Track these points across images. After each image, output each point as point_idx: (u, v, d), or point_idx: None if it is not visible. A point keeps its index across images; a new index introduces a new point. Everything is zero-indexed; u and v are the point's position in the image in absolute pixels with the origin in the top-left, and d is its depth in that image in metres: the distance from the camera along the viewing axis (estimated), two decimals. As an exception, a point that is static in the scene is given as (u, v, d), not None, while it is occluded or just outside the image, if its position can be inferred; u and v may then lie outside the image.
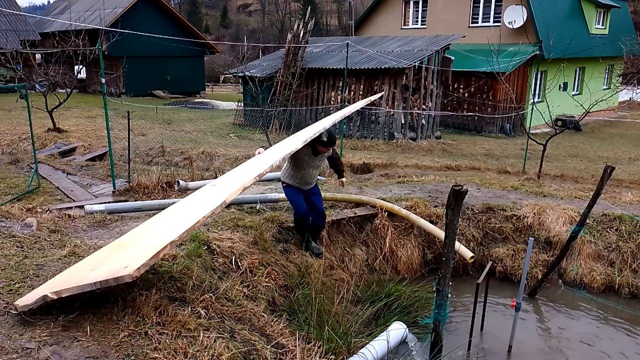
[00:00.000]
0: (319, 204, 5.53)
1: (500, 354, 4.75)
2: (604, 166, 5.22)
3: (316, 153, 5.26)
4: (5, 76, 21.97)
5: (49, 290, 2.87)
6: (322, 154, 5.31)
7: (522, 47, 17.82)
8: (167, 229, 3.40)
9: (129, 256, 3.07)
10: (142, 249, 3.10)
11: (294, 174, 5.40)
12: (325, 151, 5.26)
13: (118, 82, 26.51)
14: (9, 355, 2.51)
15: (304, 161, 5.29)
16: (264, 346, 3.11)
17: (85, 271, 3.10)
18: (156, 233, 3.46)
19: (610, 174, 5.16)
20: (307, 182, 5.44)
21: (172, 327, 2.92)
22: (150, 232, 3.59)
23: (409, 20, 22.41)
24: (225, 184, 4.19)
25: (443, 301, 3.78)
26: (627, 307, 5.57)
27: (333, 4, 69.42)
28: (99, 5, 27.52)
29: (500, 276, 6.24)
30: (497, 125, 18.37)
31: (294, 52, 16.31)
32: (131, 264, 2.81)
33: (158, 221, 3.87)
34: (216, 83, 40.75)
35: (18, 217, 5.06)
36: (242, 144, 13.20)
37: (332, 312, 4.19)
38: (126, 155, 9.27)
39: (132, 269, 2.70)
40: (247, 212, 6.11)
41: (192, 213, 3.50)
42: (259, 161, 4.64)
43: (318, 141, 5.10)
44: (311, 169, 5.37)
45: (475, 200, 6.95)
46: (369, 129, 15.34)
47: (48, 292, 2.84)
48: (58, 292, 2.83)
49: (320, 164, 5.49)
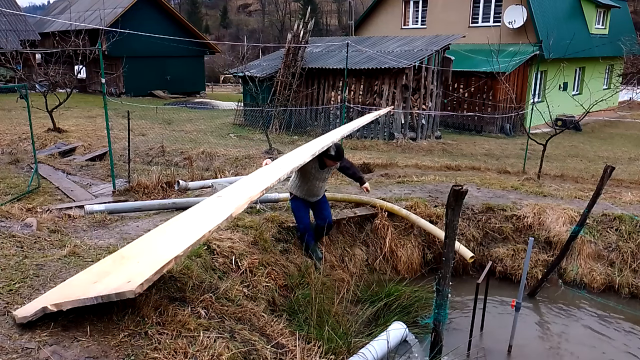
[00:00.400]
0: (325, 212, 5.51)
1: (500, 354, 4.75)
2: (604, 166, 5.22)
3: (323, 166, 5.24)
4: (5, 76, 21.97)
5: (50, 302, 2.85)
6: (329, 167, 5.29)
7: (522, 47, 17.81)
8: (172, 241, 3.36)
9: (132, 270, 3.05)
10: (145, 263, 3.07)
11: (301, 185, 5.37)
12: (332, 164, 5.23)
13: (118, 82, 26.51)
14: (9, 355, 2.51)
15: (311, 174, 5.27)
16: (264, 346, 3.11)
17: (87, 283, 3.06)
18: (160, 245, 3.43)
19: (610, 174, 5.16)
20: (314, 194, 5.42)
21: (172, 327, 2.92)
22: (155, 244, 3.56)
23: (409, 20, 22.40)
24: (232, 196, 4.15)
25: (443, 301, 3.78)
26: (627, 307, 5.57)
27: (333, 4, 69.42)
28: (99, 5, 27.51)
29: (500, 276, 6.24)
30: (497, 125, 18.36)
31: (294, 52, 16.31)
32: (134, 278, 2.80)
33: (163, 232, 3.84)
34: (216, 83, 40.75)
35: (18, 217, 5.06)
36: (242, 144, 13.20)
37: (332, 312, 4.19)
38: (126, 155, 9.27)
39: (135, 285, 2.69)
40: (247, 212, 6.11)
41: (198, 226, 3.46)
42: (267, 173, 4.62)
43: (326, 155, 5.08)
44: (318, 181, 5.35)
45: (475, 200, 6.95)
46: (369, 129, 15.34)
47: (48, 304, 2.83)
48: (59, 304, 2.82)
49: (327, 177, 5.48)
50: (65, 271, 3.60)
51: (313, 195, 5.43)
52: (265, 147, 12.06)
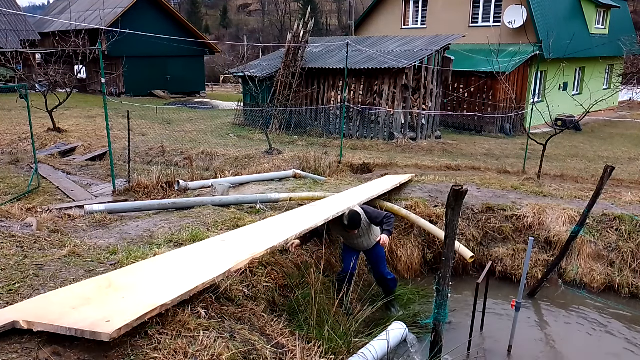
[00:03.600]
0: (377, 267, 5.18)
1: (500, 354, 4.75)
2: (604, 166, 5.22)
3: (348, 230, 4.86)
4: (5, 76, 21.96)
5: (22, 318, 2.68)
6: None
7: (522, 47, 17.81)
8: (164, 281, 3.21)
9: (114, 305, 2.86)
10: (130, 300, 2.91)
11: (343, 240, 5.23)
12: (352, 232, 4.87)
13: (118, 82, 26.51)
14: (9, 355, 2.51)
15: (343, 237, 5.12)
16: (264, 346, 3.11)
17: (65, 307, 2.85)
18: (152, 282, 3.25)
19: (610, 173, 5.16)
20: (358, 247, 5.15)
21: (172, 327, 2.91)
22: (147, 278, 3.35)
23: (409, 20, 22.40)
24: (234, 245, 4.03)
25: (443, 301, 3.78)
26: (627, 307, 5.57)
27: (333, 4, 69.42)
28: (99, 5, 27.51)
29: (500, 276, 6.24)
30: (497, 125, 18.36)
31: (294, 52, 16.31)
32: (114, 319, 2.64)
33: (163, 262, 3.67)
34: (216, 83, 40.75)
35: (18, 217, 5.06)
36: (242, 144, 13.20)
37: (332, 312, 4.19)
38: (126, 155, 9.27)
39: (112, 328, 2.53)
40: (247, 212, 6.11)
41: (197, 269, 3.36)
42: (275, 230, 4.52)
43: (340, 221, 4.84)
44: (355, 239, 5.02)
45: (475, 200, 6.95)
46: (369, 129, 15.34)
47: (20, 320, 2.66)
48: (31, 323, 2.65)
49: (363, 233, 5.01)
50: (65, 271, 3.60)
51: (360, 248, 5.15)
52: (265, 147, 12.06)
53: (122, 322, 2.59)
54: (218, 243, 4.15)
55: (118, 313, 2.72)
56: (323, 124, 16.12)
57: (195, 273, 3.31)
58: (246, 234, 4.49)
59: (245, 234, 4.53)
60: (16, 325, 2.66)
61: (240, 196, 6.68)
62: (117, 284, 3.18)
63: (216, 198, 6.46)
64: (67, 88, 14.73)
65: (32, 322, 2.65)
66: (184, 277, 3.25)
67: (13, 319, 2.67)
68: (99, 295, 3.01)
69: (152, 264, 3.65)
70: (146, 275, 3.38)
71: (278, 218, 5.17)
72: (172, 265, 3.59)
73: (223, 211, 5.87)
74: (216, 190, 6.98)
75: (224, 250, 3.92)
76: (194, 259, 3.73)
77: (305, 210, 5.48)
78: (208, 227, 5.16)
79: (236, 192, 7.38)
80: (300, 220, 4.90)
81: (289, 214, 5.38)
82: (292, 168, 9.18)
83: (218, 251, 3.91)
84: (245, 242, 4.12)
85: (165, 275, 3.36)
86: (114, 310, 2.77)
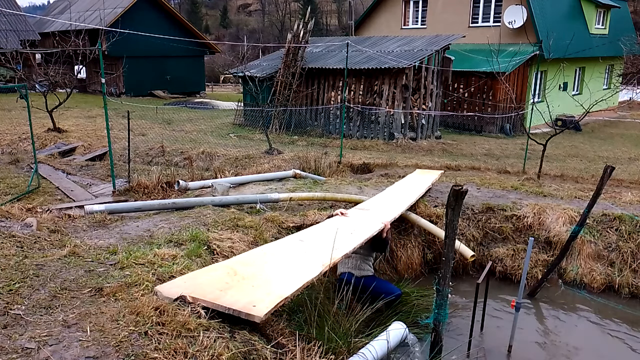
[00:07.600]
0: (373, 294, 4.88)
1: (500, 354, 4.75)
2: (604, 166, 5.22)
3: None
4: (5, 76, 21.98)
5: (187, 293, 3.19)
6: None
7: (522, 47, 17.82)
8: (278, 274, 3.60)
9: (250, 293, 3.25)
10: (261, 291, 3.29)
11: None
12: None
13: (118, 82, 26.51)
14: (9, 355, 2.51)
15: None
16: (263, 346, 3.10)
17: (215, 288, 3.28)
18: (269, 274, 3.61)
19: (610, 173, 5.17)
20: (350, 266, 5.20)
21: (172, 327, 2.91)
22: (264, 268, 3.71)
23: (409, 20, 22.41)
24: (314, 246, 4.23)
25: (443, 301, 3.78)
26: (627, 307, 5.57)
27: (333, 4, 69.45)
28: (99, 5, 27.52)
29: (500, 276, 6.24)
30: (497, 125, 18.37)
31: (294, 52, 16.31)
32: (258, 304, 3.07)
33: (270, 254, 4.00)
34: (216, 83, 40.78)
35: (18, 217, 5.05)
36: (242, 144, 13.20)
37: (332, 312, 4.18)
38: (126, 155, 9.27)
39: (261, 312, 2.97)
40: (247, 212, 6.11)
41: (297, 266, 3.71)
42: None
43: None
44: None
45: (475, 200, 6.95)
46: (369, 129, 15.34)
47: (188, 295, 3.17)
48: (195, 298, 3.16)
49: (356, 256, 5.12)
50: (65, 271, 3.60)
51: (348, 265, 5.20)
52: (265, 147, 12.06)
53: (265, 308, 3.03)
54: (297, 243, 4.34)
55: (258, 300, 3.14)
56: (323, 124, 16.12)
57: (297, 270, 3.67)
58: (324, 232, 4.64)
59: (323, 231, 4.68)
60: (184, 298, 3.16)
61: (240, 196, 6.68)
62: (240, 273, 3.56)
63: (216, 198, 6.45)
64: (67, 88, 14.73)
65: (197, 298, 3.16)
66: (291, 273, 3.62)
67: (181, 293, 3.20)
68: (233, 282, 3.41)
69: (261, 256, 3.97)
70: (261, 267, 3.73)
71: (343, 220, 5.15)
72: (278, 259, 3.91)
73: (223, 211, 5.86)
74: (216, 190, 6.98)
75: (308, 250, 4.14)
76: (292, 253, 4.05)
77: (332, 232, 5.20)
78: (208, 227, 5.16)
79: (236, 192, 7.38)
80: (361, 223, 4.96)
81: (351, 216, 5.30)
82: (292, 168, 9.18)
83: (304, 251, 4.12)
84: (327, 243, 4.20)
85: (276, 269, 3.71)
86: (254, 298, 3.17)
